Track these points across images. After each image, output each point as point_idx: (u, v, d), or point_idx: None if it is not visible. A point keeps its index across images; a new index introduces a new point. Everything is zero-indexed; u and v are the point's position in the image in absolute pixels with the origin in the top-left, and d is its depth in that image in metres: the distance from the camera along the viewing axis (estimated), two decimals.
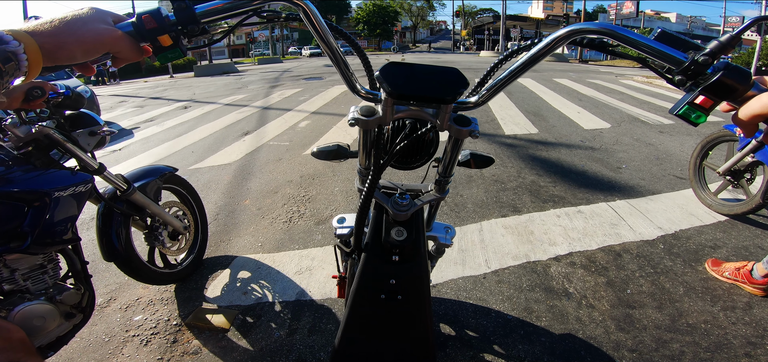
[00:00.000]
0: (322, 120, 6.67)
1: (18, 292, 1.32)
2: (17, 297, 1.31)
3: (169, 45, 0.64)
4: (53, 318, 1.39)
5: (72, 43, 0.56)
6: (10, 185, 1.25)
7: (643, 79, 12.60)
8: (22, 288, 1.33)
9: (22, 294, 1.32)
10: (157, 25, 0.62)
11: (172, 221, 2.12)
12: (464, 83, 0.71)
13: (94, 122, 1.73)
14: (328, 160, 1.20)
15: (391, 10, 61.64)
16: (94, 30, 0.58)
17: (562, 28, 0.68)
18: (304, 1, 0.69)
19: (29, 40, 0.52)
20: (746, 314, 1.99)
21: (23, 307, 1.29)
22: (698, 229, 2.82)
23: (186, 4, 0.63)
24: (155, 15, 0.62)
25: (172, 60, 0.66)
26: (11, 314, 1.26)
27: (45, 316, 1.36)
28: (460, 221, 2.94)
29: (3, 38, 0.50)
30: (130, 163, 4.74)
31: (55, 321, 1.40)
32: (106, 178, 1.73)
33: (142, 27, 0.61)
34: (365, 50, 0.89)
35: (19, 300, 1.30)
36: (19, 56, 0.50)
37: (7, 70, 0.49)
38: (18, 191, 1.27)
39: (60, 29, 0.56)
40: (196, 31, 0.66)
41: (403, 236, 0.89)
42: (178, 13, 0.63)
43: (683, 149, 4.76)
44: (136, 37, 0.62)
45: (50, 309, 1.38)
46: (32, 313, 1.32)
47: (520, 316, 1.98)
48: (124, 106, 9.93)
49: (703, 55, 0.59)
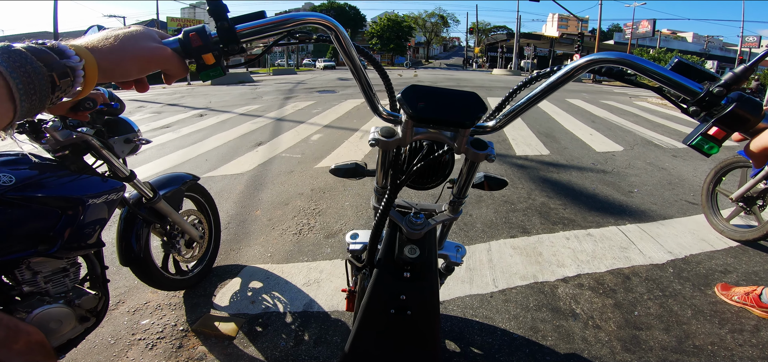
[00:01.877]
0: (334, 134, 6.73)
1: (37, 295, 1.31)
2: (36, 300, 1.30)
3: (211, 63, 0.65)
4: (69, 321, 1.38)
5: (128, 61, 0.58)
6: (45, 189, 1.26)
7: (658, 101, 12.48)
8: (42, 290, 1.32)
9: (42, 297, 1.32)
10: (202, 43, 0.64)
11: (190, 230, 2.15)
12: (483, 108, 0.73)
13: (130, 129, 1.75)
14: (346, 178, 1.22)
15: (405, 25, 62.14)
16: (147, 48, 0.60)
17: (582, 58, 0.70)
18: (335, 24, 0.72)
19: (89, 57, 0.53)
20: (754, 336, 1.99)
21: (41, 310, 1.28)
22: (709, 254, 2.80)
23: (229, 24, 0.65)
24: (201, 33, 0.63)
25: (213, 78, 0.68)
26: (29, 316, 1.26)
27: (61, 320, 1.35)
28: (468, 240, 2.95)
29: (65, 52, 0.50)
30: (146, 168, 4.83)
31: (70, 325, 1.39)
32: (135, 185, 1.74)
33: (189, 44, 0.63)
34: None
35: (37, 303, 1.29)
36: (77, 72, 0.51)
37: (61, 86, 0.49)
38: (53, 197, 1.28)
39: (116, 47, 0.57)
40: (236, 51, 0.68)
41: (415, 253, 0.91)
42: (220, 32, 0.65)
43: (696, 174, 4.71)
44: (181, 54, 0.64)
45: (67, 313, 1.37)
46: (50, 316, 1.30)
47: (526, 335, 1.98)
48: (142, 111, 10.11)
49: (717, 87, 0.59)
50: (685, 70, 0.65)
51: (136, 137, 1.77)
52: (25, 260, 1.27)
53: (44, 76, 0.47)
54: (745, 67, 0.59)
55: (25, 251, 1.23)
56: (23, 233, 1.23)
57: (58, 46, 0.50)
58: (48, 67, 0.47)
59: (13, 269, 1.26)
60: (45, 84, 0.47)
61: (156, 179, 2.02)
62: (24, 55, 0.45)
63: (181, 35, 0.64)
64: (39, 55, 0.47)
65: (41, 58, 0.47)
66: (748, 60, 0.63)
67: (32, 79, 0.45)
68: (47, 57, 0.48)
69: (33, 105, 0.46)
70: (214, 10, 0.64)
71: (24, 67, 0.44)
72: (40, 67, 0.46)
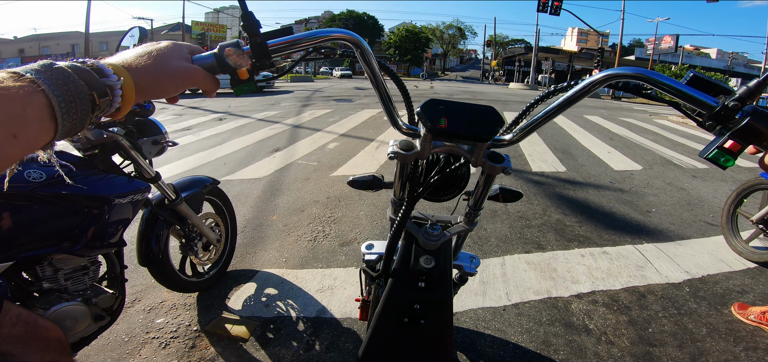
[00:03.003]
0: (350, 143, 6.78)
1: (56, 292, 1.31)
2: (54, 297, 1.30)
3: (245, 79, 0.67)
4: (85, 319, 1.38)
5: (164, 80, 0.58)
6: (73, 188, 1.27)
7: (679, 119, 12.25)
8: (61, 287, 1.32)
9: (60, 294, 1.32)
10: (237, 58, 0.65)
11: (208, 233, 2.18)
12: (501, 123, 0.75)
13: (158, 130, 1.78)
14: (364, 190, 1.24)
15: (423, 36, 62.20)
16: (181, 68, 0.60)
17: (599, 73, 0.71)
18: (359, 40, 0.74)
19: (127, 76, 0.52)
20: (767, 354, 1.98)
21: (59, 307, 1.29)
22: (726, 274, 2.76)
23: (261, 39, 0.67)
24: (236, 48, 0.65)
25: (247, 93, 0.69)
26: (46, 313, 1.26)
27: (78, 317, 1.35)
28: (483, 254, 2.94)
29: (104, 71, 0.49)
30: (167, 169, 4.91)
31: (86, 323, 1.39)
32: (158, 187, 1.77)
33: (224, 59, 0.65)
34: None
35: (56, 300, 1.30)
36: (116, 92, 0.50)
37: (100, 105, 0.48)
38: (81, 195, 1.29)
39: (151, 66, 0.57)
40: (267, 66, 0.69)
41: (431, 264, 0.93)
42: (254, 48, 0.67)
43: (716, 195, 4.63)
44: (216, 68, 0.65)
45: (84, 311, 1.37)
46: (67, 314, 1.31)
47: (538, 349, 1.97)
48: (164, 113, 10.32)
49: (732, 101, 0.60)
50: (700, 84, 0.66)
51: (163, 138, 1.80)
52: (48, 257, 1.28)
53: (85, 95, 0.46)
54: (759, 81, 0.60)
55: (49, 248, 1.25)
56: (49, 229, 1.24)
57: (97, 65, 0.49)
58: (89, 85, 0.46)
59: (35, 265, 1.28)
60: (86, 103, 0.46)
61: (178, 181, 2.06)
62: (66, 73, 0.44)
63: (217, 50, 0.65)
64: (80, 73, 0.46)
65: (82, 76, 0.46)
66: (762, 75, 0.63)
67: (74, 97, 0.44)
68: (88, 75, 0.47)
69: (74, 124, 0.45)
70: (248, 26, 0.66)
71: (66, 85, 0.43)
72: (81, 85, 0.45)
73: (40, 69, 0.43)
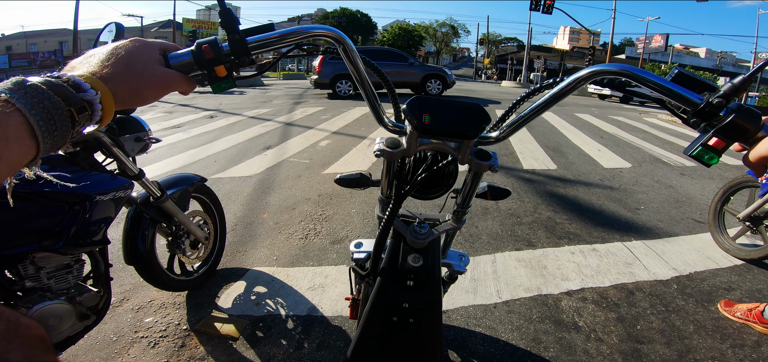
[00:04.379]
0: (342, 141, 6.76)
1: (39, 290, 1.30)
2: (37, 295, 1.29)
3: (223, 76, 0.66)
4: (69, 318, 1.36)
5: (144, 91, 0.57)
6: (54, 185, 1.25)
7: (668, 117, 12.38)
8: (44, 286, 1.31)
9: (43, 293, 1.31)
10: (214, 55, 0.64)
11: (196, 231, 2.16)
12: (487, 120, 0.75)
13: (141, 127, 1.75)
14: (351, 187, 1.22)
15: (416, 34, 62.24)
16: (159, 75, 0.58)
17: (584, 69, 0.71)
18: (343, 37, 0.74)
19: (104, 88, 0.51)
20: (755, 351, 2.01)
21: (42, 306, 1.27)
22: (713, 271, 2.80)
23: (240, 36, 0.66)
24: (213, 45, 0.64)
25: (225, 90, 0.68)
26: (29, 312, 1.25)
27: (61, 316, 1.33)
28: (474, 251, 2.95)
29: (81, 85, 0.48)
30: (156, 167, 4.89)
31: (70, 322, 1.38)
32: (143, 184, 1.74)
33: (201, 57, 0.64)
34: (387, 73, 0.92)
35: (39, 299, 1.28)
36: (95, 107, 0.49)
37: (80, 121, 0.47)
38: (61, 192, 1.27)
39: (128, 75, 0.55)
40: (247, 62, 0.69)
41: (419, 262, 0.92)
42: (232, 44, 0.66)
43: (704, 192, 4.68)
44: (193, 65, 0.64)
45: (68, 310, 1.35)
46: (50, 312, 1.29)
47: (528, 347, 1.98)
48: (154, 110, 10.21)
49: (717, 98, 0.60)
50: (685, 81, 0.66)
51: (146, 135, 1.77)
52: (29, 255, 1.26)
53: (64, 112, 0.44)
54: (744, 78, 0.60)
55: (30, 246, 1.23)
56: (29, 227, 1.22)
57: (73, 80, 0.48)
58: (66, 102, 0.45)
59: (17, 263, 1.26)
60: (65, 119, 0.44)
61: (164, 179, 2.04)
62: (42, 91, 0.43)
63: (194, 47, 0.64)
64: (56, 89, 0.44)
65: (58, 92, 0.44)
66: (747, 72, 0.63)
67: (52, 115, 0.43)
68: (64, 91, 0.45)
69: (55, 142, 0.44)
70: (227, 23, 0.65)
71: (43, 103, 0.42)
72: (58, 102, 0.44)
73: (13, 87, 0.42)
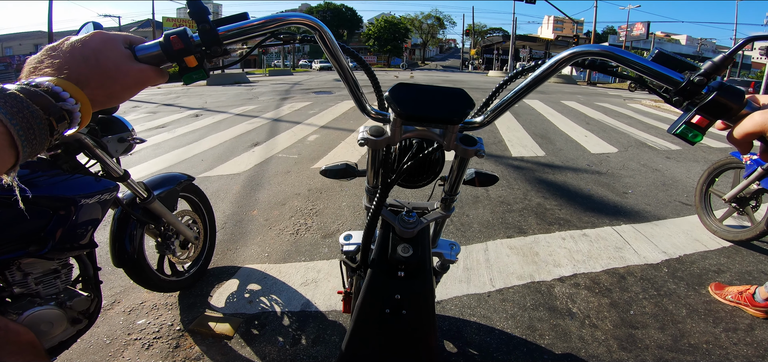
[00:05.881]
0: (331, 135, 6.73)
1: (28, 296, 1.28)
2: (26, 302, 1.27)
3: (194, 66, 0.65)
4: (60, 323, 1.35)
5: (119, 91, 0.56)
6: (37, 189, 1.23)
7: (652, 103, 12.58)
8: (33, 292, 1.29)
9: (32, 299, 1.29)
10: (183, 46, 0.63)
11: (185, 230, 2.13)
12: (471, 104, 0.74)
13: (124, 128, 1.72)
14: (337, 178, 1.21)
15: (402, 26, 62.16)
16: (134, 72, 0.58)
17: (565, 51, 0.71)
18: (319, 24, 0.72)
19: (81, 95, 0.50)
20: (748, 335, 2.03)
21: (32, 312, 1.26)
22: (702, 254, 2.83)
23: (210, 26, 0.64)
24: (182, 36, 0.63)
25: (196, 80, 0.67)
26: (19, 318, 1.23)
27: (53, 321, 1.32)
28: (465, 240, 2.96)
29: (60, 95, 0.47)
30: (141, 168, 4.81)
31: (62, 327, 1.36)
32: (128, 185, 1.71)
33: (170, 48, 0.62)
34: (374, 66, 0.91)
35: (28, 305, 1.27)
36: (74, 115, 0.49)
37: (58, 129, 0.47)
38: (45, 197, 1.25)
39: (103, 79, 0.54)
40: (219, 52, 0.67)
41: (409, 252, 0.91)
42: (202, 34, 0.64)
43: (690, 175, 4.76)
44: (162, 57, 0.63)
45: (58, 315, 1.34)
46: (40, 318, 1.28)
47: (523, 334, 1.99)
48: (137, 111, 10.06)
49: (698, 76, 0.60)
50: (665, 61, 0.66)
51: (130, 136, 1.74)
52: (15, 262, 1.24)
53: (42, 121, 0.44)
54: (724, 56, 0.61)
55: (15, 252, 1.21)
56: (14, 233, 1.20)
57: (51, 89, 0.47)
58: (45, 111, 0.45)
59: (4, 270, 1.24)
60: (44, 128, 0.45)
61: (150, 180, 2.00)
62: (20, 100, 0.43)
63: (162, 38, 0.63)
64: (34, 98, 0.44)
65: (37, 101, 0.44)
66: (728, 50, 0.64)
67: (31, 124, 0.43)
68: (43, 100, 0.45)
69: (34, 149, 0.44)
70: (195, 12, 0.63)
71: (21, 112, 0.42)
72: (37, 111, 0.44)
73: None
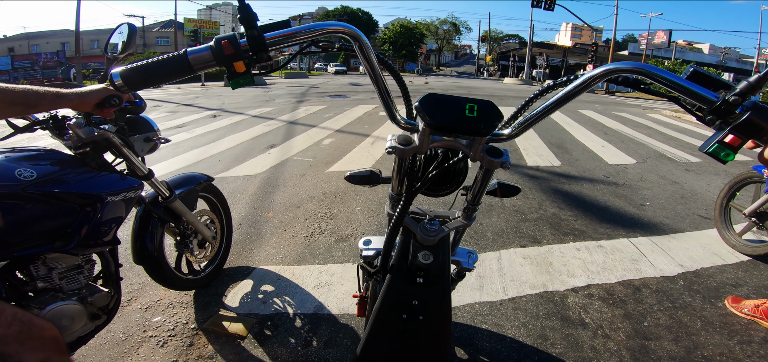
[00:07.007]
0: (346, 139, 6.77)
1: (51, 291, 1.30)
2: (49, 296, 1.29)
3: (242, 72, 0.66)
4: (81, 318, 1.37)
5: None
6: (66, 186, 1.26)
7: (672, 113, 12.33)
8: (56, 286, 1.31)
9: (55, 293, 1.31)
10: (233, 51, 0.64)
11: (203, 230, 2.16)
12: (500, 117, 0.74)
13: (150, 127, 1.76)
14: (361, 185, 1.22)
15: (417, 32, 62.06)
16: None
17: (598, 68, 0.71)
18: (359, 34, 0.73)
19: None
20: (762, 348, 1.99)
21: (55, 306, 1.27)
22: (720, 268, 2.78)
23: (258, 32, 0.65)
24: (232, 42, 0.64)
25: (243, 86, 0.68)
26: (42, 312, 1.25)
27: (74, 317, 1.34)
28: (479, 248, 2.95)
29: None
30: (161, 167, 4.89)
31: (82, 322, 1.38)
32: (152, 184, 1.75)
33: (221, 52, 0.64)
34: None
35: (51, 299, 1.28)
36: None
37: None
38: (73, 194, 1.28)
39: None
40: (264, 58, 0.68)
41: (429, 259, 0.92)
42: (251, 40, 0.65)
43: (709, 188, 4.66)
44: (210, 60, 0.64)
45: (80, 310, 1.36)
46: (62, 313, 1.29)
47: (535, 343, 1.98)
48: (157, 110, 10.25)
49: (733, 95, 0.60)
50: (700, 79, 0.66)
51: (155, 135, 1.78)
52: (41, 256, 1.27)
53: None
54: (760, 76, 0.61)
55: (42, 247, 1.23)
56: (41, 228, 1.23)
57: None
58: None
59: (29, 264, 1.26)
60: None
61: (172, 179, 2.04)
62: None
63: (213, 43, 0.64)
64: None
65: None
66: (763, 70, 0.63)
67: None
68: None
69: None
70: (245, 18, 0.64)
71: None
72: None
73: None
